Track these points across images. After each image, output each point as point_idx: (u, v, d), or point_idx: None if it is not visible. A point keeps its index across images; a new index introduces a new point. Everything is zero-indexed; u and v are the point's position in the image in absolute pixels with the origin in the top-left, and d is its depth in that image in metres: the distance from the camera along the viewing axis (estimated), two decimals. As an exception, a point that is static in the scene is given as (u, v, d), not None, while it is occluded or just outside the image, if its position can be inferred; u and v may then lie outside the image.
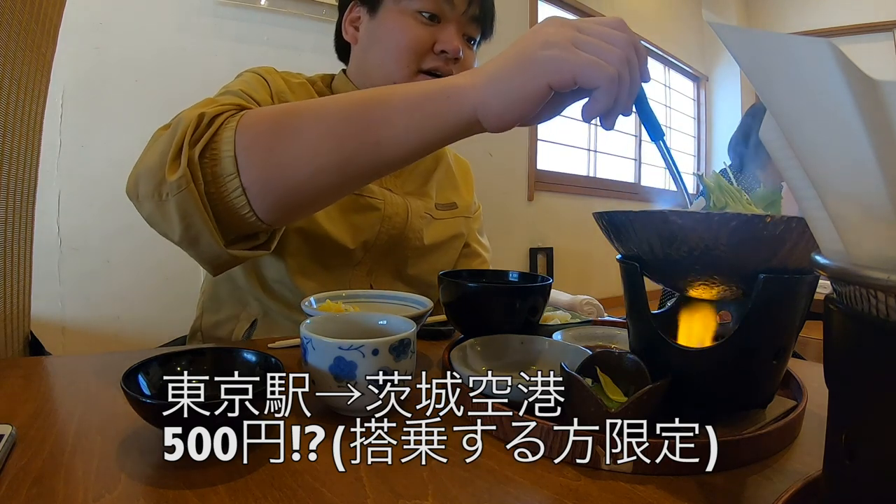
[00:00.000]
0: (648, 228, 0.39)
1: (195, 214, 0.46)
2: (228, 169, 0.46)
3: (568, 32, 0.46)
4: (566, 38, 0.45)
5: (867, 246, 0.21)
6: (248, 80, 0.72)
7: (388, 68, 0.74)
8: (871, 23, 4.21)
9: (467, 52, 0.76)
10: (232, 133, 0.47)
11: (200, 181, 0.46)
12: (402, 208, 0.80)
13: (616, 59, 0.44)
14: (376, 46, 0.77)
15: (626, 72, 0.45)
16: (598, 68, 0.44)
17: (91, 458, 0.34)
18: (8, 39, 0.63)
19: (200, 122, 0.47)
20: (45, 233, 1.70)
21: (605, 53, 0.45)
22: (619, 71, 0.45)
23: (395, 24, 0.74)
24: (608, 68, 0.44)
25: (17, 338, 0.71)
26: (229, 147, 0.46)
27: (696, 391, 0.40)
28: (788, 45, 0.19)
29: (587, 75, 0.44)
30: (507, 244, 3.27)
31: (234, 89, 0.67)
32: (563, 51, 0.45)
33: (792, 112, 0.21)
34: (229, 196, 0.47)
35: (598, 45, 0.45)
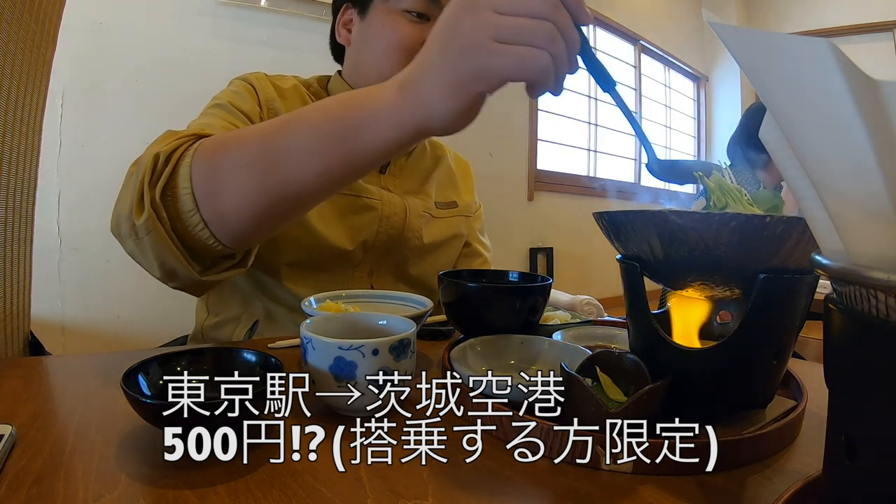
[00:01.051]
0: (648, 228, 0.39)
1: (166, 251, 0.48)
2: (188, 206, 0.48)
3: (485, 21, 0.40)
4: (484, 33, 0.40)
5: (867, 246, 0.21)
6: (237, 90, 0.73)
7: (381, 67, 0.74)
8: (871, 23, 4.21)
9: None
10: (187, 170, 0.48)
11: (165, 220, 0.48)
12: (400, 208, 0.80)
13: (544, 38, 0.40)
14: (368, 47, 0.77)
15: (559, 44, 0.40)
16: (526, 62, 0.40)
17: (91, 458, 0.34)
18: (8, 39, 0.63)
19: (157, 162, 0.48)
20: (45, 233, 1.70)
21: (530, 35, 0.40)
22: (551, 50, 0.40)
23: (384, 24, 0.74)
24: (537, 58, 0.40)
25: (17, 338, 0.70)
26: (186, 184, 0.48)
27: (697, 391, 0.40)
28: (788, 45, 0.19)
29: (517, 74, 0.41)
30: (507, 244, 3.27)
31: (223, 101, 0.69)
32: (484, 55, 0.41)
33: (792, 112, 0.21)
34: (194, 230, 0.48)
35: (521, 27, 0.40)
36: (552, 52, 0.40)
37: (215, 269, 0.53)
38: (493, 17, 0.40)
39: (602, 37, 4.08)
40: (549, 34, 0.40)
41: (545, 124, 3.59)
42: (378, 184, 0.80)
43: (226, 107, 0.68)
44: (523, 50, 0.40)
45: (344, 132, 0.45)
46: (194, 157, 0.48)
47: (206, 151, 0.49)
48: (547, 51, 0.40)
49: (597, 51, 2.97)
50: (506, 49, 0.40)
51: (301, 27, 2.23)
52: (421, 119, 0.44)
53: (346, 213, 0.76)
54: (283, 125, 0.49)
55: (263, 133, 0.49)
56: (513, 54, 0.40)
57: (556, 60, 0.41)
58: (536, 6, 0.40)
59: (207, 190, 0.48)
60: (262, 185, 0.47)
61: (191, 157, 0.48)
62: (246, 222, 0.49)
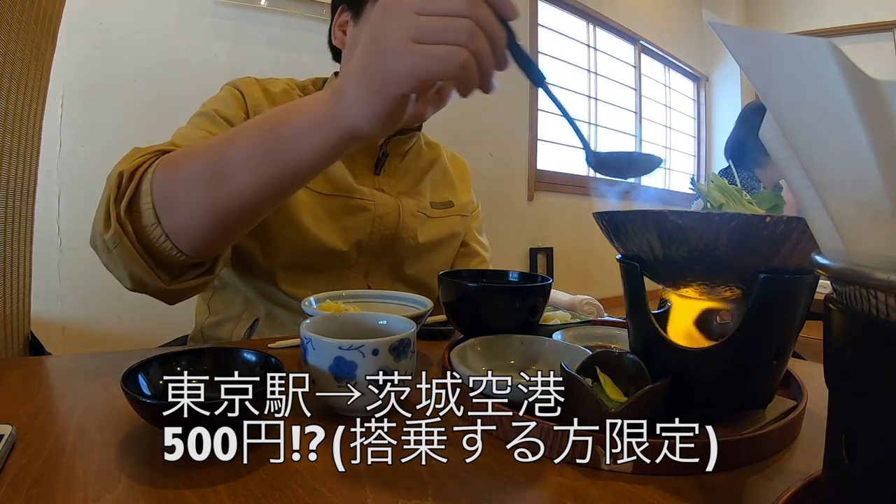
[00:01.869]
0: (648, 228, 0.39)
1: (133, 262, 0.51)
2: (150, 220, 0.50)
3: (403, 22, 0.40)
4: (402, 34, 0.41)
5: (867, 246, 0.21)
6: (224, 98, 0.73)
7: None
8: (871, 23, 4.21)
9: None
10: (148, 186, 0.50)
11: (131, 234, 0.50)
12: (394, 207, 0.80)
13: (462, 35, 0.39)
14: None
15: (480, 39, 0.40)
16: (444, 61, 0.40)
17: (91, 458, 0.34)
18: (8, 39, 0.63)
19: (121, 180, 0.50)
20: (45, 233, 1.69)
21: (449, 33, 0.40)
22: (471, 46, 0.40)
23: None
24: (456, 56, 0.40)
25: (17, 338, 0.70)
26: (147, 199, 0.50)
27: (696, 391, 0.40)
28: (788, 45, 0.19)
29: (437, 73, 0.41)
30: (507, 244, 3.27)
31: (208, 110, 0.70)
32: (403, 56, 0.41)
33: (792, 112, 0.21)
34: (157, 242, 0.50)
35: (438, 26, 0.40)
36: (472, 49, 0.40)
37: (184, 278, 0.55)
38: (411, 19, 0.40)
39: (602, 37, 4.08)
40: (468, 31, 0.40)
41: (545, 124, 3.59)
42: (372, 185, 0.80)
43: (209, 115, 0.69)
44: (441, 49, 0.40)
45: (278, 143, 0.47)
46: (154, 174, 0.50)
47: (163, 168, 0.51)
48: (466, 48, 0.40)
49: (597, 50, 2.94)
50: (423, 49, 0.40)
51: (301, 27, 2.22)
52: (348, 125, 0.45)
53: (339, 214, 0.76)
54: (228, 138, 0.50)
55: (211, 147, 0.51)
56: (430, 54, 0.40)
57: (479, 57, 0.41)
58: (454, 4, 0.40)
59: (165, 204, 0.50)
60: (210, 197, 0.49)
61: (151, 174, 0.51)
62: (202, 233, 0.51)
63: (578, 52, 3.91)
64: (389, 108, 0.43)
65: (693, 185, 0.46)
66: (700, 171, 5.13)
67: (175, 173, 0.50)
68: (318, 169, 0.49)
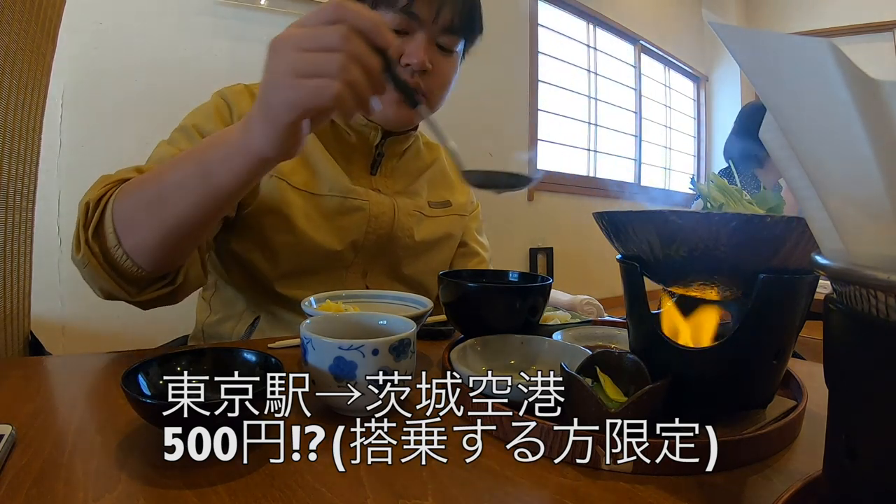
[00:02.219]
0: (648, 228, 0.39)
1: (101, 279, 0.58)
2: (113, 242, 0.56)
3: (287, 58, 0.46)
4: (285, 69, 0.45)
5: (867, 246, 0.21)
6: (207, 111, 0.75)
7: None
8: (871, 23, 4.21)
9: (440, 62, 0.75)
10: (110, 213, 0.57)
11: (98, 255, 0.57)
12: (389, 207, 0.80)
13: (335, 69, 0.44)
14: None
15: (353, 71, 0.45)
16: (319, 93, 0.44)
17: (91, 458, 0.34)
18: (8, 40, 0.63)
19: (88, 209, 0.57)
20: (45, 233, 1.69)
21: (322, 68, 0.44)
22: (345, 77, 0.44)
23: None
24: (330, 88, 0.44)
25: (17, 338, 0.71)
26: (110, 225, 0.57)
27: (696, 391, 0.40)
28: (788, 45, 0.19)
29: (314, 104, 0.45)
30: (507, 244, 3.27)
31: (188, 125, 0.73)
32: (285, 89, 0.46)
33: (792, 112, 0.21)
34: (120, 260, 0.57)
35: (314, 61, 0.45)
36: (345, 80, 0.44)
37: (150, 290, 0.61)
38: (293, 54, 0.45)
39: (602, 37, 4.08)
40: (340, 65, 0.44)
41: (545, 124, 3.59)
42: (368, 185, 0.80)
43: (187, 132, 0.72)
44: (316, 82, 0.45)
45: (206, 169, 0.53)
46: (114, 202, 0.57)
47: (120, 196, 0.57)
48: (339, 80, 0.44)
49: (597, 50, 2.94)
50: (301, 82, 0.45)
51: (301, 27, 2.22)
52: (256, 152, 0.50)
53: (334, 214, 0.77)
54: (170, 166, 0.57)
55: (157, 174, 0.57)
56: (307, 86, 0.45)
57: (353, 87, 0.45)
58: (327, 40, 0.44)
59: (123, 227, 0.56)
60: (157, 219, 0.55)
61: (112, 202, 0.57)
62: (155, 249, 0.57)
63: (578, 52, 3.91)
64: (283, 134, 0.48)
65: (693, 185, 0.46)
66: (700, 171, 5.14)
67: (129, 199, 0.57)
68: (243, 189, 0.54)
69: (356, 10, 0.45)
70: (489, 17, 0.83)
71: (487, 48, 0.81)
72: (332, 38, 0.44)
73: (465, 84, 2.99)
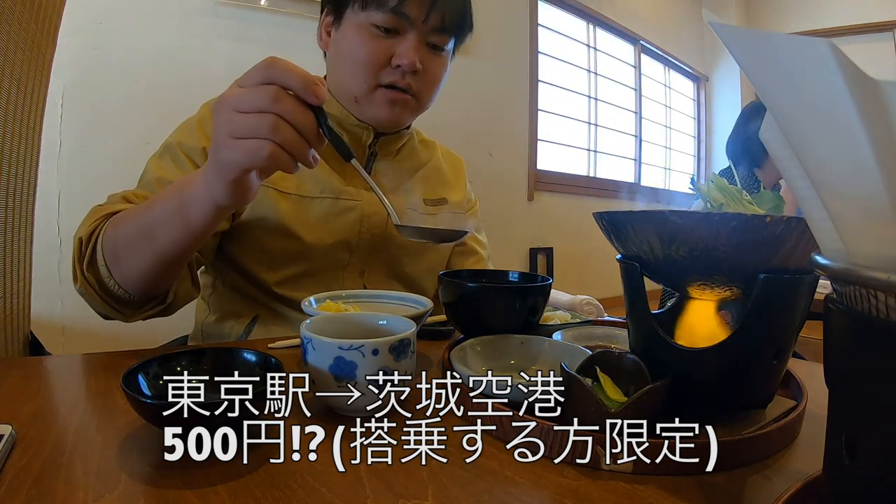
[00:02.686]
0: (648, 228, 0.39)
1: (99, 305, 0.63)
2: (105, 273, 0.61)
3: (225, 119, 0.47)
4: (223, 130, 0.47)
5: (867, 246, 0.21)
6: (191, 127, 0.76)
7: (349, 83, 0.76)
8: (871, 23, 4.21)
9: (431, 62, 0.76)
10: (100, 247, 0.61)
11: (94, 284, 0.61)
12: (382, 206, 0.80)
13: (266, 129, 0.46)
14: (339, 58, 0.78)
15: (283, 130, 0.46)
16: (253, 153, 0.46)
17: (91, 458, 0.34)
18: (8, 39, 0.63)
19: (81, 245, 0.62)
20: (45, 233, 1.69)
21: (253, 129, 0.46)
22: (275, 138, 0.46)
23: (352, 38, 0.74)
24: (263, 148, 0.46)
25: (17, 338, 0.71)
26: (101, 258, 0.61)
27: (696, 391, 0.40)
28: (788, 45, 0.19)
29: (250, 164, 0.47)
30: (507, 244, 3.27)
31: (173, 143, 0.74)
32: (224, 150, 0.48)
33: (792, 112, 0.21)
34: (114, 288, 0.61)
35: (248, 122, 0.46)
36: (278, 140, 0.46)
37: (142, 311, 0.65)
38: (230, 116, 0.47)
39: (602, 37, 4.08)
40: (270, 126, 0.46)
41: (545, 124, 3.59)
42: (361, 185, 0.80)
43: (172, 151, 0.73)
44: (250, 143, 0.46)
45: (179, 209, 0.56)
46: (103, 240, 0.61)
47: (108, 231, 0.61)
48: (271, 140, 0.46)
49: (597, 50, 2.94)
50: (237, 143, 0.47)
51: (301, 27, 2.22)
52: (213, 199, 0.52)
53: (328, 216, 0.77)
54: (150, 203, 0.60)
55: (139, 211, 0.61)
56: (241, 148, 0.47)
57: (286, 145, 0.47)
58: (257, 102, 0.46)
59: (112, 260, 0.60)
60: (139, 253, 0.59)
61: (101, 239, 0.61)
62: (142, 279, 0.61)
63: (578, 52, 3.91)
64: (232, 188, 0.50)
65: (693, 185, 0.46)
66: (700, 171, 5.13)
67: (115, 235, 0.61)
68: (213, 227, 0.57)
69: (285, 68, 0.46)
70: (489, 18, 0.83)
71: (487, 48, 0.82)
72: (262, 98, 0.46)
73: (466, 84, 3.01)
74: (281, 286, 0.76)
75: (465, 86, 2.85)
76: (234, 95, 0.47)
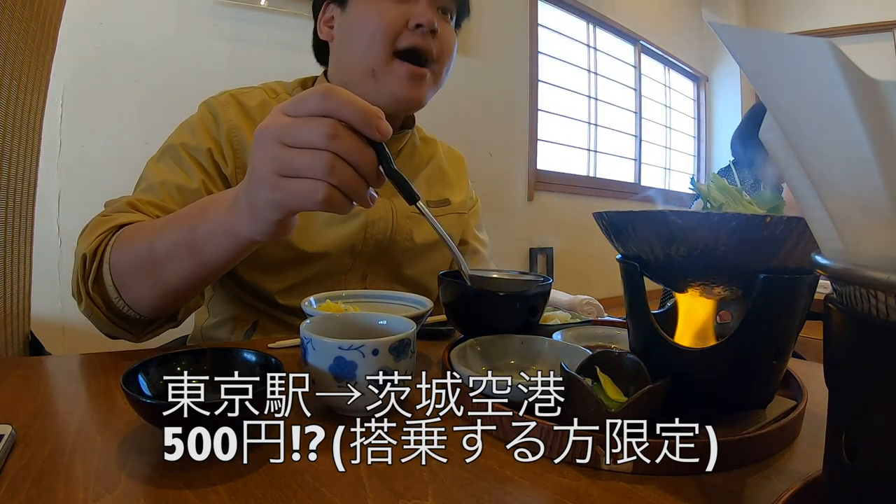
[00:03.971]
0: (648, 228, 0.39)
1: (105, 326, 0.60)
2: (113, 294, 0.57)
3: (270, 154, 0.42)
4: (268, 167, 0.42)
5: (867, 246, 0.21)
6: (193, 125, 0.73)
7: (365, 56, 0.73)
8: (871, 23, 4.21)
9: (444, 27, 0.75)
10: (107, 267, 0.57)
11: (100, 304, 0.58)
12: (386, 211, 0.79)
13: (321, 170, 0.41)
14: (351, 37, 0.76)
15: (341, 171, 0.41)
16: (305, 196, 0.42)
17: (91, 458, 0.34)
18: (8, 39, 0.63)
19: (85, 261, 0.57)
20: (45, 233, 1.69)
21: (307, 169, 0.41)
22: (331, 180, 0.41)
23: (365, 10, 0.73)
24: (316, 192, 0.41)
25: (17, 338, 0.71)
26: (108, 279, 0.57)
27: (696, 391, 0.40)
28: (788, 45, 0.19)
29: (299, 207, 0.44)
30: (507, 244, 3.27)
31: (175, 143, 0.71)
32: (269, 189, 0.43)
33: (791, 112, 0.21)
34: (123, 309, 0.58)
35: (299, 161, 0.41)
36: (333, 181, 0.41)
37: (151, 328, 0.62)
38: (277, 150, 0.42)
39: (602, 37, 4.08)
40: (326, 166, 0.41)
41: (545, 124, 3.59)
42: None
43: (174, 152, 0.71)
44: (301, 184, 0.42)
45: (196, 240, 0.52)
46: (110, 257, 0.57)
47: (116, 251, 0.57)
48: (327, 182, 0.41)
49: (597, 50, 2.93)
50: (286, 183, 0.42)
51: (301, 27, 2.22)
52: (244, 235, 0.48)
53: (331, 223, 0.76)
54: (161, 228, 0.56)
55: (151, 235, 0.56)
56: (292, 189, 0.42)
57: (343, 187, 0.42)
58: (313, 139, 0.41)
59: (121, 283, 0.57)
60: (151, 280, 0.56)
61: (108, 256, 0.57)
62: (153, 304, 0.58)
63: (578, 52, 3.91)
64: (271, 227, 0.46)
65: (693, 185, 0.46)
66: (700, 171, 5.13)
67: (124, 257, 0.57)
68: (233, 262, 0.54)
69: (345, 99, 0.41)
70: (489, 18, 0.84)
71: (487, 48, 0.82)
72: (318, 133, 0.41)
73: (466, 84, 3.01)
74: (283, 295, 0.76)
75: (465, 86, 2.85)
76: (283, 126, 0.42)
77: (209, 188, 0.70)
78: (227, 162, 0.73)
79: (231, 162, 0.73)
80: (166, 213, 0.64)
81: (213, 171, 0.72)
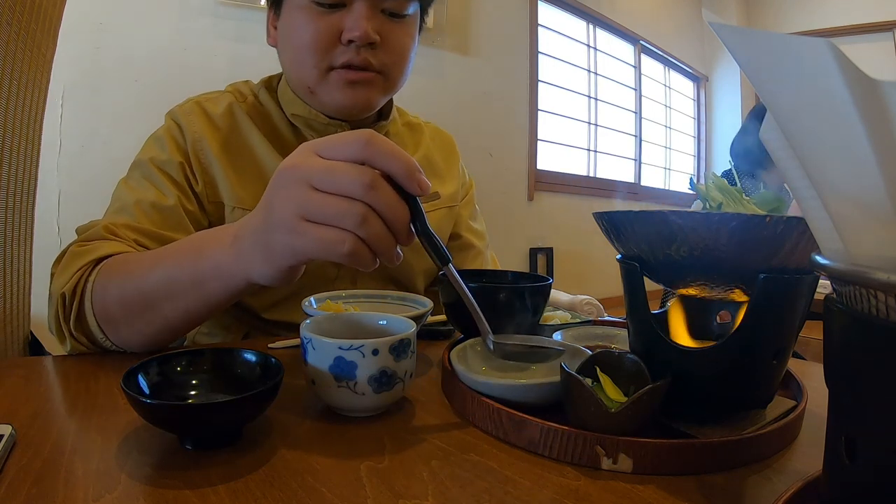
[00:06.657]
0: (648, 228, 0.39)
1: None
2: (99, 335, 0.55)
3: (297, 196, 0.39)
4: (293, 210, 0.39)
5: (867, 246, 0.21)
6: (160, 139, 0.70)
7: (298, 71, 0.68)
8: (871, 23, 4.21)
9: (391, 31, 0.66)
10: (89, 305, 0.54)
11: (87, 345, 0.55)
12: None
13: (352, 221, 0.38)
14: (285, 48, 0.70)
15: (373, 226, 0.38)
16: (330, 246, 0.38)
17: (91, 458, 0.34)
18: (8, 39, 0.63)
19: (65, 300, 0.54)
20: (45, 233, 1.69)
21: (337, 217, 0.38)
22: (360, 233, 0.38)
23: (294, 22, 0.66)
24: (342, 243, 0.38)
25: (17, 338, 0.71)
26: (92, 319, 0.54)
27: (696, 391, 0.40)
28: (788, 45, 0.19)
29: (321, 257, 0.40)
30: (507, 244, 3.28)
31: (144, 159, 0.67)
32: (290, 234, 0.39)
33: (792, 112, 0.21)
34: (111, 348, 0.56)
35: (329, 208, 0.38)
36: (362, 234, 0.38)
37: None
38: (305, 193, 0.39)
39: (602, 37, 4.08)
40: (358, 217, 0.38)
41: (545, 124, 3.59)
42: None
43: (145, 169, 0.67)
44: (328, 233, 0.38)
45: (193, 279, 0.49)
46: (92, 295, 0.54)
47: (98, 291, 0.54)
48: (356, 234, 0.38)
49: (597, 50, 2.93)
50: (311, 230, 0.39)
51: (301, 27, 2.22)
52: (246, 276, 0.46)
53: None
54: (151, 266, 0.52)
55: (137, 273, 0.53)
56: (316, 236, 0.39)
57: (370, 242, 0.39)
58: (348, 186, 0.38)
59: (107, 325, 0.54)
60: (142, 322, 0.53)
61: (90, 294, 0.54)
62: (144, 343, 0.55)
63: (578, 52, 3.92)
64: (280, 274, 0.43)
65: (692, 185, 0.46)
66: (700, 171, 5.14)
67: (109, 297, 0.53)
68: (233, 300, 0.51)
69: (387, 150, 0.38)
70: (489, 18, 0.83)
71: (487, 48, 0.81)
72: (355, 182, 0.37)
73: (466, 84, 3.02)
74: (269, 311, 0.73)
75: (465, 86, 2.85)
76: (315, 169, 0.39)
77: (185, 205, 0.67)
78: (197, 179, 0.69)
79: (200, 178, 0.69)
80: (144, 236, 0.62)
81: (186, 187, 0.68)
